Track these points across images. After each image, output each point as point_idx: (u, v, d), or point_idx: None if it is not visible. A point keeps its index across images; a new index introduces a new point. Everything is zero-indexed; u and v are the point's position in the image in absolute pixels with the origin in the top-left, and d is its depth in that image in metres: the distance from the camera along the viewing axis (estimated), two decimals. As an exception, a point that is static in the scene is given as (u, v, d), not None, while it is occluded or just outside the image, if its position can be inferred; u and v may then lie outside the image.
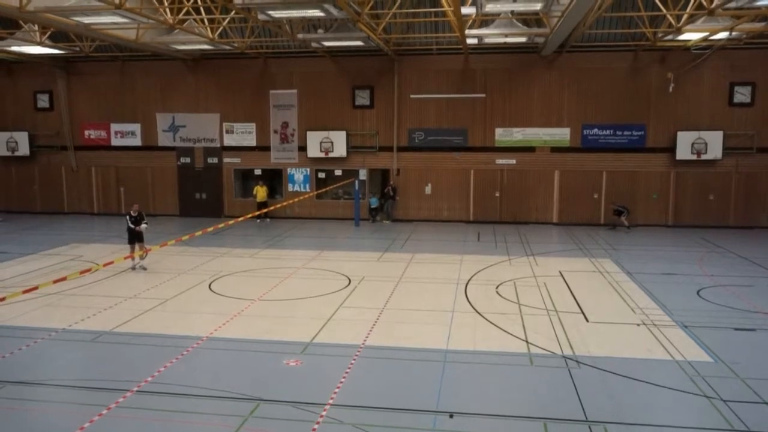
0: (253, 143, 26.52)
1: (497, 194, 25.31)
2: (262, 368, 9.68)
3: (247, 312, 12.71)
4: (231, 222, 17.42)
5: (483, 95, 24.87)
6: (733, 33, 19.43)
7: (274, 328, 11.69)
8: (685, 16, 17.95)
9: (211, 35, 21.32)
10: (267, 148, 26.39)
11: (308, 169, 26.49)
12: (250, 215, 20.36)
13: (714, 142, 23.44)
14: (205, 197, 27.07)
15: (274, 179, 26.92)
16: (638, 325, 11.88)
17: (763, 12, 16.79)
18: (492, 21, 20.19)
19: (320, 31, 21.94)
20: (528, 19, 21.18)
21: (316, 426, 7.66)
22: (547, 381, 9.25)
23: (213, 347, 10.62)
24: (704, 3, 15.73)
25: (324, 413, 8.00)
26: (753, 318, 12.23)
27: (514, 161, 25.09)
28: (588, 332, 11.47)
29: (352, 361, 9.86)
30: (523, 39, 21.33)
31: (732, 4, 14.92)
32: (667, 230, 23.69)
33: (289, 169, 26.61)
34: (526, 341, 10.90)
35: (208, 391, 8.75)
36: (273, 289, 14.64)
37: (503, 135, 25.05)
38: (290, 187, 26.56)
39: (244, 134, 26.57)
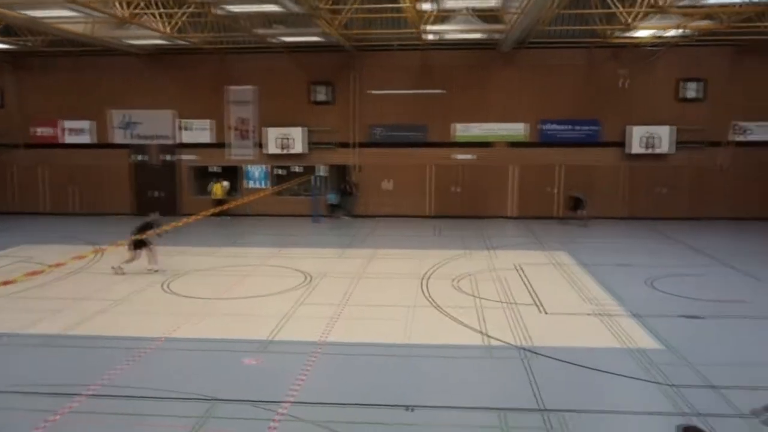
0: (210, 140, 26.12)
1: (456, 189, 25.52)
2: (219, 368, 9.56)
3: (205, 311, 12.53)
4: (189, 219, 17.13)
5: (443, 91, 25.01)
6: (684, 31, 19.95)
7: (232, 326, 11.56)
8: (637, 14, 18.35)
9: (166, 30, 20.90)
10: (224, 145, 26.02)
11: (266, 166, 26.24)
12: (210, 212, 20.04)
13: (665, 137, 24.09)
14: (161, 195, 26.55)
15: (233, 176, 26.56)
16: (593, 315, 12.14)
17: (711, 10, 17.31)
18: (450, 17, 20.31)
19: (278, 26, 21.72)
20: (486, 16, 21.36)
21: (275, 424, 7.61)
22: (505, 372, 9.39)
23: (169, 348, 10.44)
24: (655, 1, 16.13)
25: (284, 411, 7.95)
26: (702, 306, 12.61)
27: (472, 156, 25.33)
28: (544, 323, 11.68)
29: (312, 358, 9.82)
30: (481, 35, 21.52)
31: (682, 2, 15.33)
32: (621, 222, 24.24)
33: (247, 166, 26.31)
34: (485, 334, 11.03)
35: (163, 392, 8.59)
36: (231, 287, 14.47)
37: (462, 130, 25.25)
38: (248, 184, 26.27)
39: (200, 131, 26.14)
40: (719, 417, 7.78)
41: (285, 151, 25.41)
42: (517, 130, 25.05)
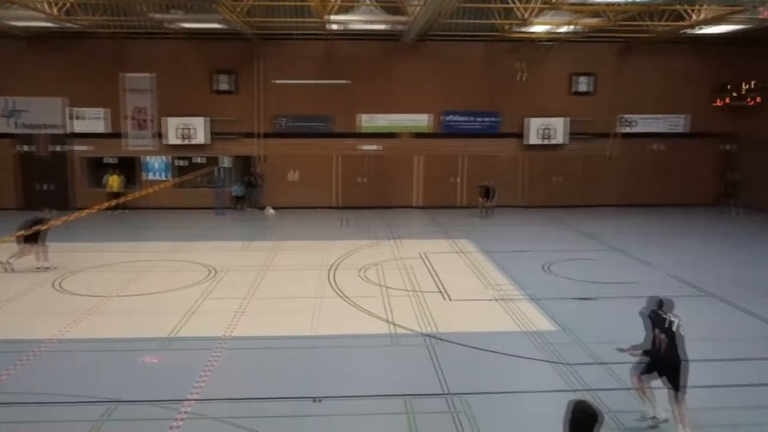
0: (106, 130, 24.81)
1: (362, 180, 25.65)
2: (117, 368, 9.14)
3: (100, 310, 11.95)
4: (82, 213, 16.20)
5: (348, 81, 25.00)
6: (575, 27, 20.96)
7: (130, 325, 11.10)
8: (532, 10, 19.08)
9: (53, 11, 19.57)
10: (121, 135, 24.76)
11: (166, 157, 25.27)
12: (106, 206, 19.03)
13: (559, 128, 25.32)
14: (51, 188, 24.96)
15: (130, 168, 25.37)
16: (494, 300, 12.60)
17: (599, 8, 18.29)
18: (354, 7, 20.30)
19: (176, 11, 20.87)
20: (389, 7, 21.52)
21: (178, 423, 7.39)
22: (410, 359, 9.59)
23: (62, 350, 9.87)
24: (548, -3, 16.88)
25: (186, 409, 7.73)
26: (593, 288, 13.39)
27: (378, 147, 25.53)
28: (448, 310, 12.01)
29: (216, 354, 9.60)
30: (384, 26, 21.67)
31: (573, 0, 16.09)
32: (520, 210, 25.26)
33: (145, 157, 25.23)
34: (391, 322, 11.19)
35: (57, 397, 8.12)
36: (129, 283, 13.86)
37: (367, 121, 25.38)
38: (147, 176, 25.20)
39: (94, 120, 24.77)
40: (607, 391, 8.31)
41: (186, 142, 24.56)
42: (421, 121, 25.50)
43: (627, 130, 25.89)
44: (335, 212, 24.85)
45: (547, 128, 25.32)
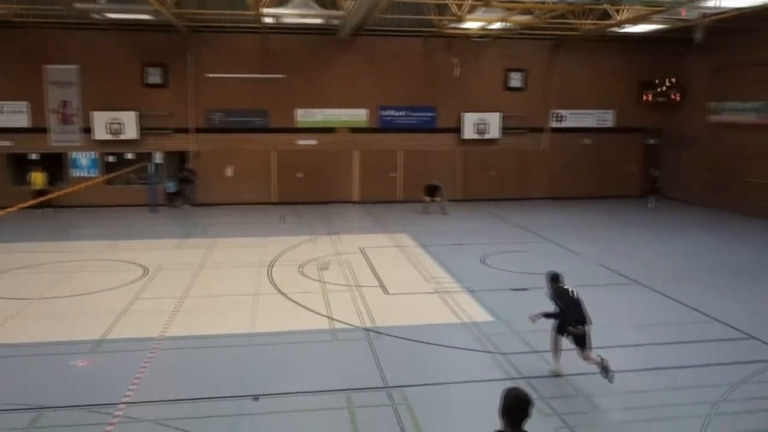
0: (28, 124, 23.66)
1: (300, 175, 25.45)
2: (45, 373, 8.79)
3: (25, 313, 11.44)
4: (3, 212, 15.44)
5: (283, 76, 24.72)
6: (507, 24, 21.41)
7: (58, 327, 10.67)
8: (466, 6, 19.35)
9: (-35, 0, 18.51)
10: (45, 130, 23.70)
11: (95, 153, 24.34)
12: (29, 204, 18.17)
13: (493, 123, 25.86)
14: (-31, 186, 23.62)
15: (56, 164, 24.30)
16: (432, 293, 12.79)
17: (529, 6, 18.74)
18: (288, 0, 20.06)
19: (101, 1, 20.08)
20: (324, 1, 21.39)
21: (111, 428, 7.18)
22: (350, 354, 9.63)
23: (-17, 355, 9.41)
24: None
25: (119, 413, 7.52)
26: (527, 279, 13.75)
27: (315, 142, 25.39)
28: (387, 304, 12.11)
29: (150, 355, 9.37)
30: (319, 20, 21.52)
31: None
32: (457, 204, 25.61)
33: (72, 153, 24.22)
34: (330, 317, 11.20)
35: (-23, 405, 7.75)
36: (57, 285, 13.31)
37: (304, 116, 25.19)
38: (75, 173, 24.20)
39: (15, 114, 23.57)
40: (541, 378, 8.59)
41: (116, 137, 23.73)
42: (359, 116, 25.51)
43: (557, 125, 26.71)
44: (273, 208, 24.56)
45: (482, 123, 25.81)
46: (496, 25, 21.68)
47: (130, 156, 24.37)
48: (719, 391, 8.20)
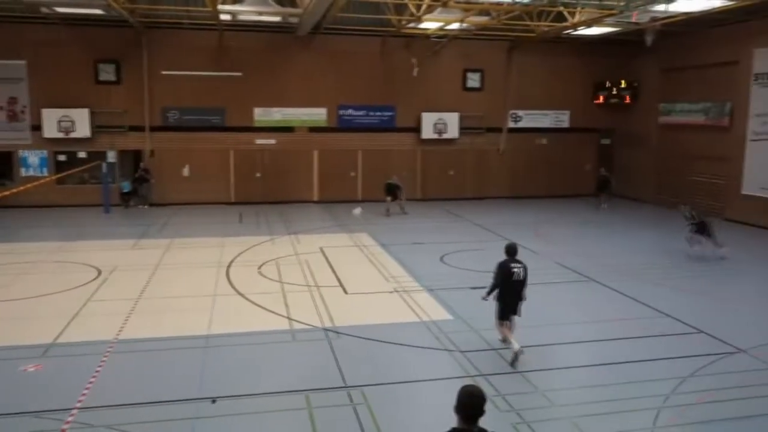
0: (-28, 121, 22.84)
1: (258, 174, 25.20)
2: (-8, 379, 8.50)
3: (-28, 317, 11.03)
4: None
5: (240, 74, 24.42)
6: (464, 24, 21.61)
7: (7, 332, 10.32)
8: (424, 6, 19.46)
9: None
10: (-9, 128, 22.90)
11: (45, 152, 23.61)
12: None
13: (452, 123, 26.09)
14: None
15: (4, 163, 23.45)
16: (391, 292, 12.83)
17: (486, 7, 18.96)
18: (245, -2, 19.86)
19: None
20: (282, -1, 21.25)
21: (61, 434, 6.99)
22: (309, 354, 9.58)
23: (-75, 362, 9.04)
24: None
25: (71, 419, 7.32)
26: (485, 277, 13.81)
27: (274, 141, 25.17)
28: (346, 303, 12.10)
29: (104, 358, 9.14)
30: (277, 18, 21.35)
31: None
32: (417, 203, 25.73)
33: (21, 152, 23.44)
34: (289, 318, 11.13)
35: None
36: (6, 287, 12.86)
37: (262, 114, 24.95)
38: (23, 172, 23.42)
39: (-41, 111, 22.74)
40: (499, 375, 8.71)
41: (67, 135, 23.07)
42: (319, 115, 25.39)
43: (514, 125, 27.11)
44: (231, 208, 24.25)
45: (441, 123, 26.01)
46: (454, 26, 21.86)
47: (82, 155, 23.72)
48: (670, 384, 8.45)
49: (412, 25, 22.11)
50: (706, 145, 23.03)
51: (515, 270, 9.38)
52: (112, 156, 24.04)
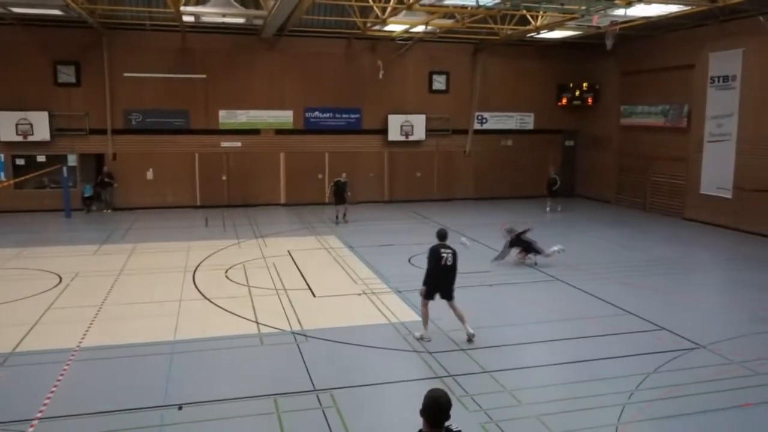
0: (-75, 125, 22.11)
1: (224, 177, 24.94)
2: (-52, 391, 8.23)
3: (-74, 327, 10.66)
4: None
5: (204, 76, 24.15)
6: (429, 27, 21.76)
7: (-37, 342, 10.01)
8: (389, 9, 19.54)
9: None
10: (-55, 131, 22.20)
11: (2, 155, 22.96)
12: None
13: (419, 125, 26.22)
14: None
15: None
16: (360, 294, 12.82)
17: (451, 10, 19.12)
18: (209, -1, 19.65)
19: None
20: (246, 0, 21.05)
21: (22, 445, 6.81)
22: (277, 358, 9.52)
23: None
24: (403, -2, 17.42)
25: (31, 429, 7.13)
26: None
27: (239, 144, 24.94)
28: (315, 306, 12.05)
29: (66, 367, 8.93)
30: (241, 20, 21.18)
31: (425, 1, 16.69)
32: (384, 205, 25.85)
33: (-23, 156, 22.79)
34: (257, 322, 11.03)
35: None
36: (-39, 296, 12.49)
37: (227, 117, 24.70)
38: (-20, 177, 22.77)
39: None
40: (467, 375, 8.77)
41: (25, 138, 22.49)
42: (285, 117, 25.26)
43: (479, 126, 27.37)
44: (197, 212, 23.95)
45: (407, 125, 26.11)
46: (419, 29, 21.99)
47: (41, 158, 23.15)
48: (634, 380, 8.63)
49: (377, 27, 22.19)
50: (666, 147, 23.60)
51: (444, 255, 9.98)
52: (72, 159, 23.53)
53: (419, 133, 26.32)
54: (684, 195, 22.76)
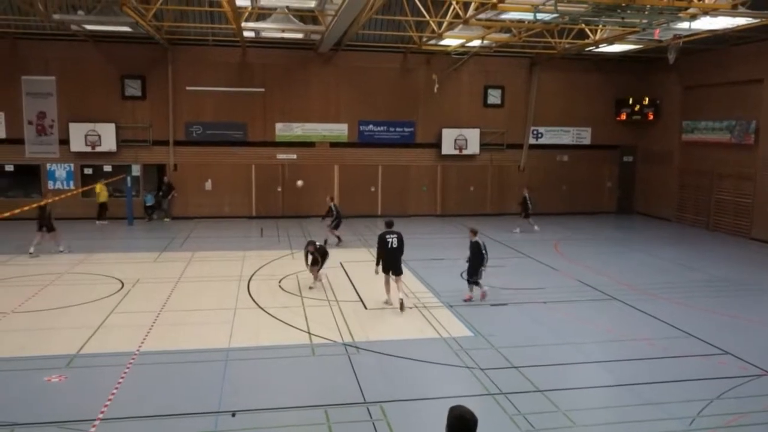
0: (2, 135, 23.33)
1: (279, 189, 25.39)
2: (17, 388, 8.61)
3: (-2, 327, 11.21)
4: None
5: (262, 90, 24.73)
6: (485, 41, 21.70)
7: (31, 342, 10.47)
8: (445, 24, 19.60)
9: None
10: (20, 141, 23.40)
11: (72, 165, 24.05)
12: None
13: (473, 139, 26.10)
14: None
15: (32, 176, 23.88)
16: (411, 308, 12.79)
17: (506, 24, 19.01)
18: (269, 15, 20.13)
19: (80, 12, 19.93)
20: (304, 16, 21.50)
21: (83, 444, 7.06)
22: (329, 369, 9.58)
23: (-47, 371, 9.19)
24: (460, 13, 17.41)
25: (92, 430, 7.39)
26: (505, 294, 13.87)
27: (294, 156, 25.37)
28: (366, 319, 12.09)
29: (126, 370, 9.23)
30: (299, 35, 21.62)
31: (482, 16, 16.66)
32: (436, 219, 25.78)
33: (49, 165, 23.90)
34: (309, 332, 11.15)
35: (-54, 422, 7.57)
36: (30, 299, 13.07)
37: (283, 130, 25.18)
38: (51, 185, 23.84)
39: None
40: (520, 393, 8.62)
41: (93, 149, 23.49)
42: (339, 130, 25.56)
43: (534, 141, 27.02)
44: (252, 222, 24.45)
45: (461, 139, 26.04)
46: (475, 43, 21.94)
47: (107, 168, 24.13)
48: (696, 406, 8.30)
49: (432, 41, 22.26)
50: (731, 164, 22.75)
51: (389, 239, 12.60)
52: (136, 170, 24.42)
53: (473, 147, 26.19)
54: (751, 214, 21.86)
